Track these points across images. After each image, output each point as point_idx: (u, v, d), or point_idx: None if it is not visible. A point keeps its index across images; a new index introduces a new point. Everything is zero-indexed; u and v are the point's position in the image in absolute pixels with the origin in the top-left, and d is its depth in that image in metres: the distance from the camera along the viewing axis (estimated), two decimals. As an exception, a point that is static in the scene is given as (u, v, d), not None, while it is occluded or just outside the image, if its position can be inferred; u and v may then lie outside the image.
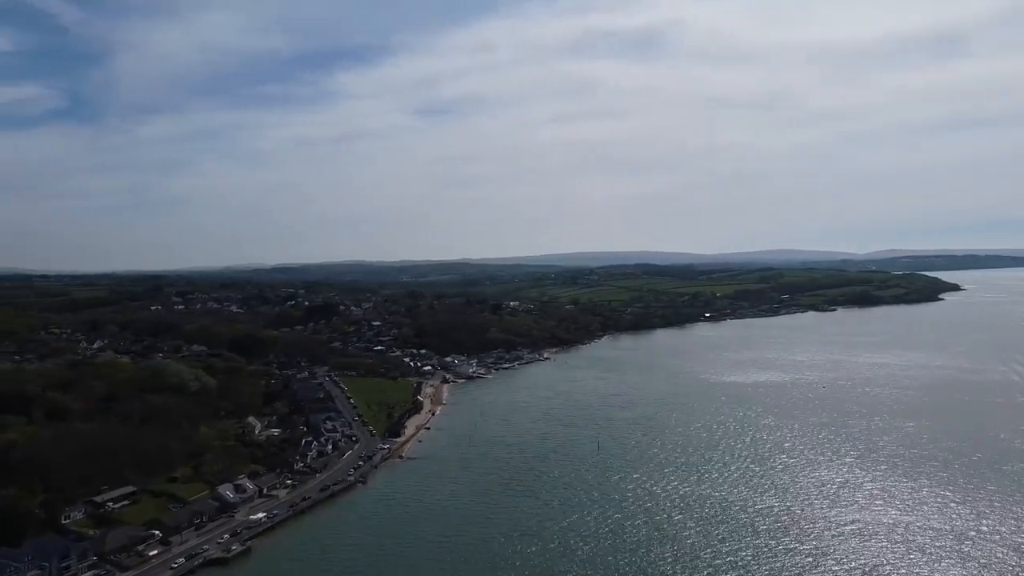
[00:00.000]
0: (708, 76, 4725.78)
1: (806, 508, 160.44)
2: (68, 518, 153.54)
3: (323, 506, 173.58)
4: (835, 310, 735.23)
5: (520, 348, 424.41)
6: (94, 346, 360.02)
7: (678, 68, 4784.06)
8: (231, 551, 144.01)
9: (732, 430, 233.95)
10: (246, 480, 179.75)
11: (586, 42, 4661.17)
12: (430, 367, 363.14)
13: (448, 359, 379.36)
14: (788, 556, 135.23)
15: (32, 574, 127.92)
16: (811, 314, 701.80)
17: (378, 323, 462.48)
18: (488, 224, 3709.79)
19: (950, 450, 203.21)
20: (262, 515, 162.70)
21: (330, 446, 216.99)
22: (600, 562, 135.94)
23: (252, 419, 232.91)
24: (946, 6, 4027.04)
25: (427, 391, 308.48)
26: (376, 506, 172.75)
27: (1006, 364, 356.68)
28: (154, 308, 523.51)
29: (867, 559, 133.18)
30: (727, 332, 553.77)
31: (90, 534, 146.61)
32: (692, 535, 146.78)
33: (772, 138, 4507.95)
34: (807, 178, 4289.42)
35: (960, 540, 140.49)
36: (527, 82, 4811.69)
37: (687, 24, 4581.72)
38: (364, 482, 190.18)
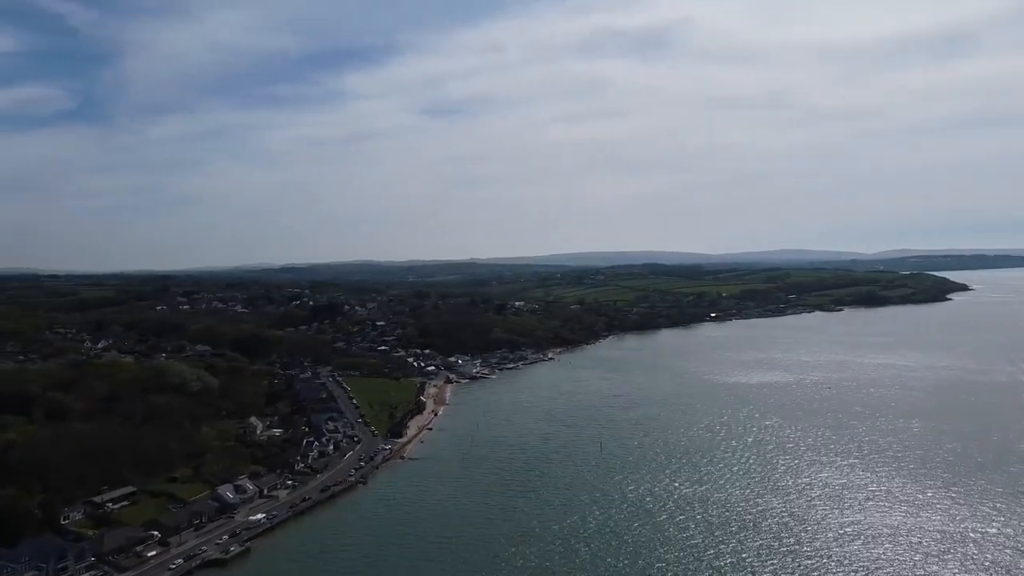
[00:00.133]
0: (716, 75, 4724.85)
1: (809, 509, 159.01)
2: (67, 518, 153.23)
3: (323, 507, 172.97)
4: (842, 310, 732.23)
5: (524, 348, 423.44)
6: (99, 346, 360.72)
7: (686, 67, 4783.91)
8: (230, 552, 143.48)
9: (735, 431, 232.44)
10: (246, 481, 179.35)
11: (595, 42, 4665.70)
12: (434, 367, 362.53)
13: (452, 359, 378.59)
14: (790, 557, 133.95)
15: (29, 575, 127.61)
16: (817, 314, 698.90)
17: (382, 323, 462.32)
18: (496, 224, 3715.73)
19: (955, 451, 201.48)
20: (261, 516, 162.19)
21: (331, 446, 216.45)
22: (601, 563, 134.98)
23: (254, 419, 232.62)
24: (952, 5, 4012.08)
25: (430, 391, 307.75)
26: (377, 507, 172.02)
27: (1014, 365, 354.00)
28: (160, 308, 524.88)
29: (870, 561, 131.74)
30: (732, 332, 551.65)
31: (89, 535, 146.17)
32: (694, 536, 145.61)
33: (780, 137, 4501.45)
34: (815, 178, 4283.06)
35: (965, 543, 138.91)
36: (535, 82, 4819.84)
37: (695, 23, 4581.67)
38: (365, 483, 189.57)
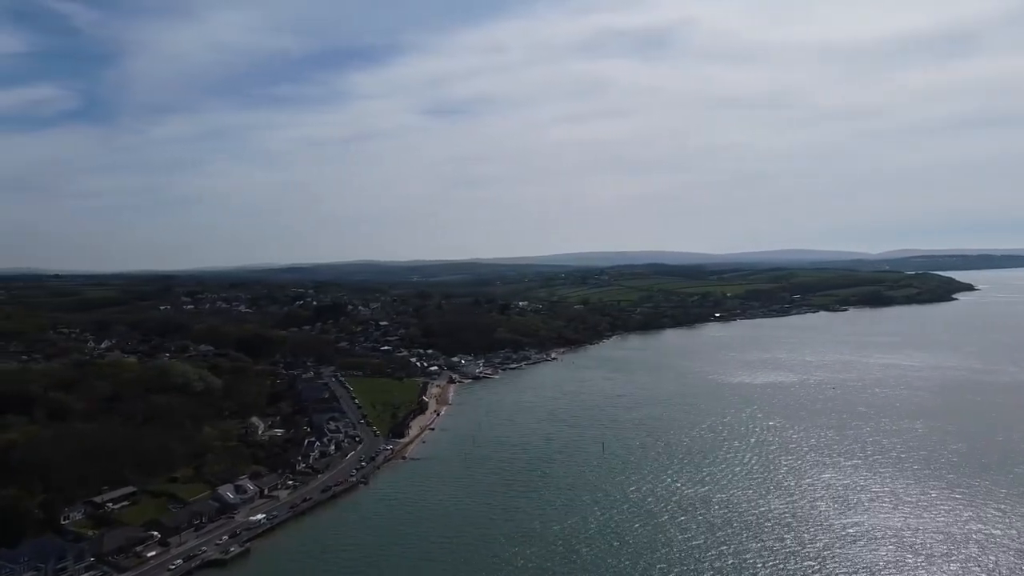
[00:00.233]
0: (718, 75, 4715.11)
1: (812, 510, 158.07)
2: (67, 519, 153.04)
3: (324, 507, 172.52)
4: (846, 310, 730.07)
5: (528, 348, 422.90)
6: (102, 346, 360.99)
7: (688, 67, 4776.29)
8: (229, 552, 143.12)
9: (739, 431, 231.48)
10: (247, 481, 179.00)
11: (597, 42, 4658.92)
12: (437, 367, 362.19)
13: (455, 359, 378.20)
14: (792, 559, 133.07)
15: (28, 575, 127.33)
16: (822, 314, 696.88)
17: (385, 323, 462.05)
18: (499, 224, 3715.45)
19: (960, 452, 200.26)
20: (262, 516, 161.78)
21: (333, 447, 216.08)
22: (603, 564, 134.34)
23: (256, 419, 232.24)
24: (953, 5, 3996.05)
25: (433, 391, 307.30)
26: (378, 507, 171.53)
27: (1019, 365, 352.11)
28: (163, 308, 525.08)
29: (872, 562, 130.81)
30: (736, 332, 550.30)
31: (89, 535, 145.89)
32: (696, 537, 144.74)
33: (782, 137, 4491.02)
34: (818, 177, 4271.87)
35: (969, 544, 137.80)
36: (538, 82, 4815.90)
37: (697, 23, 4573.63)
38: (366, 483, 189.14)
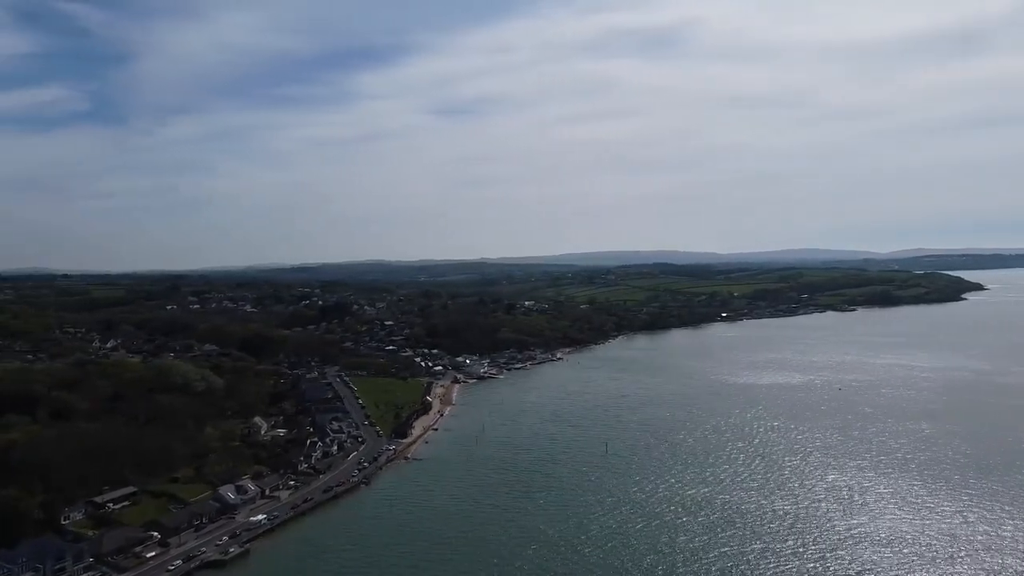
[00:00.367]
0: (726, 74, 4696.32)
1: (815, 512, 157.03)
2: (68, 519, 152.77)
3: (325, 508, 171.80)
4: (855, 310, 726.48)
5: (533, 348, 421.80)
6: (107, 345, 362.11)
7: (696, 66, 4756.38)
8: (229, 553, 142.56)
9: (743, 432, 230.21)
10: (248, 481, 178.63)
11: (604, 41, 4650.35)
12: (441, 367, 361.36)
13: (459, 359, 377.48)
14: (795, 560, 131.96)
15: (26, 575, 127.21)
16: (830, 314, 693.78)
17: (391, 323, 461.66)
18: (506, 224, 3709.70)
19: (966, 454, 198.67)
20: (262, 517, 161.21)
21: (335, 447, 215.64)
22: (604, 565, 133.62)
23: (258, 419, 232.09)
24: (965, 3, 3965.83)
25: (437, 391, 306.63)
26: (379, 507, 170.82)
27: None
28: (169, 307, 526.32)
29: (875, 564, 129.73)
30: (743, 332, 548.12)
31: (89, 535, 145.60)
32: (698, 538, 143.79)
33: (791, 136, 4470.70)
34: (827, 177, 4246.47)
35: (974, 546, 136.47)
36: (545, 82, 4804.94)
37: (705, 22, 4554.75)
38: (368, 483, 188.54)
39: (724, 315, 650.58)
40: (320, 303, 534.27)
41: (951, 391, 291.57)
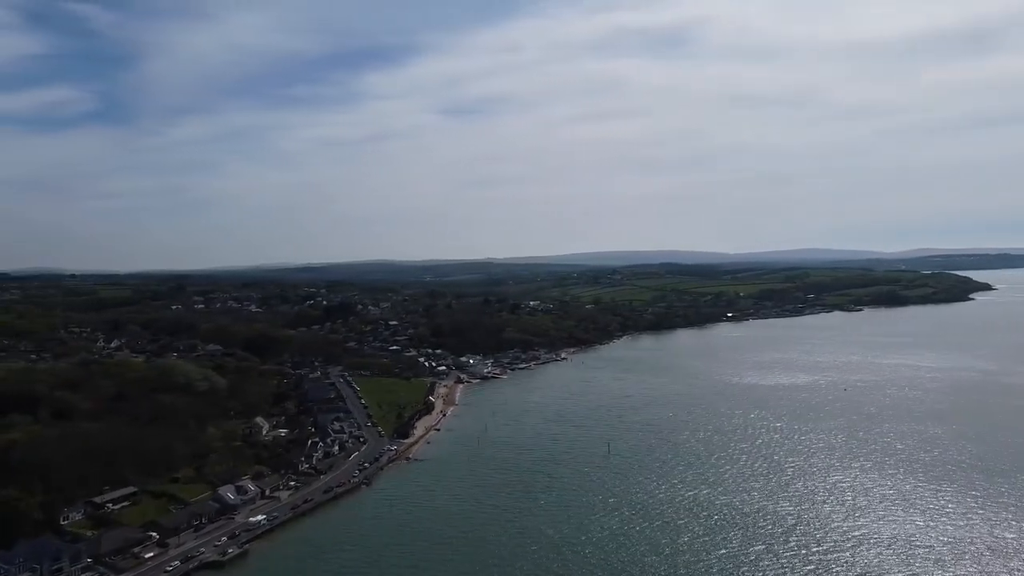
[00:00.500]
0: (735, 73, 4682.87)
1: (818, 513, 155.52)
2: (67, 519, 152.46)
3: (325, 508, 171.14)
4: (861, 310, 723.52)
5: (537, 348, 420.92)
6: (111, 345, 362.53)
7: (705, 66, 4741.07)
8: (227, 554, 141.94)
9: (747, 433, 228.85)
10: (248, 482, 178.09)
11: (613, 40, 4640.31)
12: (445, 367, 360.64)
13: (463, 359, 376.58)
14: (797, 562, 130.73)
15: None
16: (836, 314, 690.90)
17: (395, 322, 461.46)
18: (513, 224, 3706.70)
19: (972, 455, 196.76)
20: (262, 517, 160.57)
21: (337, 447, 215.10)
22: (605, 566, 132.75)
23: (260, 419, 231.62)
24: (979, 1, 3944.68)
25: (440, 391, 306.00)
26: (379, 508, 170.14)
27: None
28: (175, 307, 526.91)
29: (878, 566, 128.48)
30: (748, 332, 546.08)
31: (87, 535, 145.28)
32: (700, 540, 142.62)
33: (800, 136, 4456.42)
34: (835, 176, 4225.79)
35: (980, 549, 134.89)
36: (553, 81, 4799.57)
37: (714, 21, 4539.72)
38: (369, 484, 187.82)
39: (730, 315, 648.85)
40: (325, 303, 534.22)
41: (958, 392, 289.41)
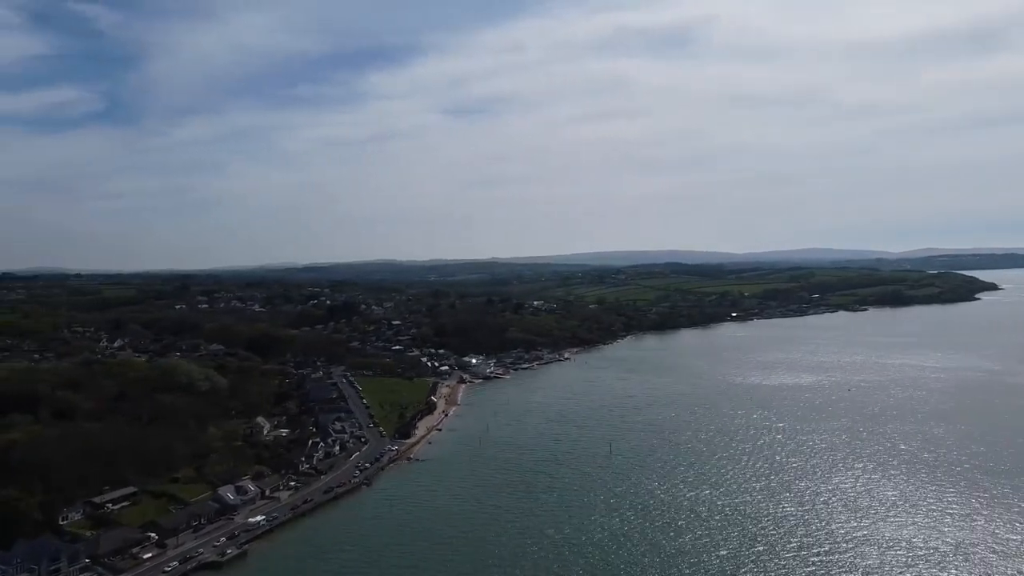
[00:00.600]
0: (739, 73, 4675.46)
1: (820, 514, 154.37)
2: (66, 519, 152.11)
3: (325, 508, 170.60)
4: (866, 310, 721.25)
5: (540, 348, 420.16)
6: (115, 345, 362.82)
7: (706, 65, 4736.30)
8: (226, 555, 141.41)
9: (749, 433, 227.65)
10: (248, 482, 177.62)
11: (617, 40, 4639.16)
12: (447, 367, 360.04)
13: (466, 359, 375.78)
14: (798, 563, 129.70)
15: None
16: (841, 314, 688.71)
17: (398, 322, 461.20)
18: (517, 223, 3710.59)
19: (977, 456, 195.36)
20: (261, 518, 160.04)
21: (337, 447, 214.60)
22: (605, 567, 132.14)
23: (261, 419, 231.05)
24: (980, 1, 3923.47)
25: (442, 391, 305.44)
26: (379, 508, 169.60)
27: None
28: (178, 307, 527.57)
29: (881, 568, 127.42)
30: (752, 332, 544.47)
31: (86, 535, 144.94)
32: (701, 541, 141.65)
33: (805, 135, 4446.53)
34: (839, 176, 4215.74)
35: (985, 551, 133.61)
36: (557, 81, 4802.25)
37: (718, 21, 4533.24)
38: (369, 484, 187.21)
39: (734, 315, 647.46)
40: (328, 303, 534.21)
41: (963, 392, 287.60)
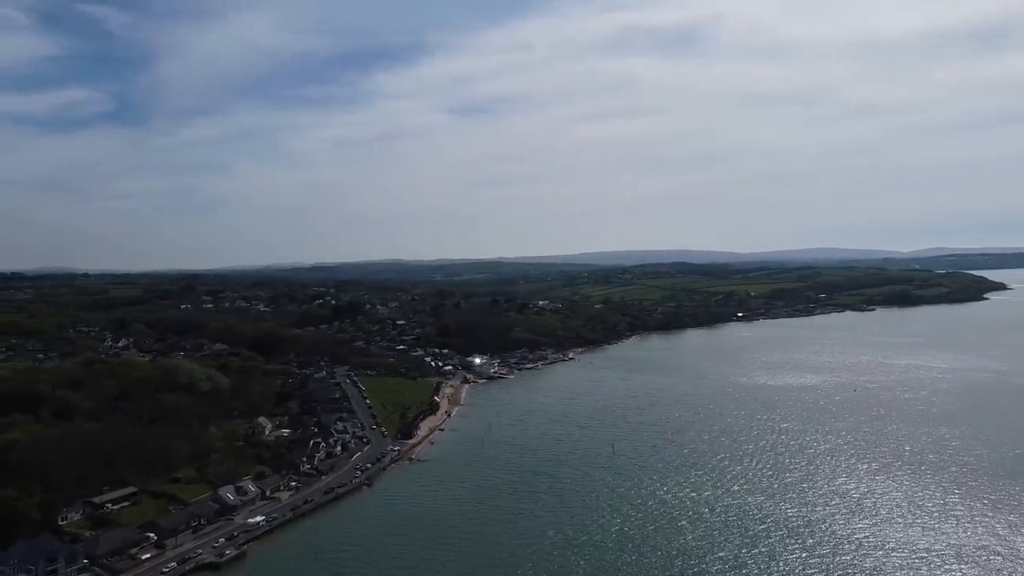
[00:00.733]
0: (746, 72, 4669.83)
1: (823, 516, 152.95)
2: (66, 519, 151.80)
3: (326, 509, 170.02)
4: (873, 310, 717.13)
5: (544, 348, 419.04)
6: (119, 344, 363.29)
7: (716, 64, 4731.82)
8: (224, 556, 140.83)
9: (752, 434, 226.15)
10: (249, 482, 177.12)
11: (624, 39, 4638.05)
12: (451, 367, 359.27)
13: (469, 359, 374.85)
14: (799, 566, 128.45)
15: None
16: (848, 314, 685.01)
17: (402, 322, 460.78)
18: (524, 223, 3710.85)
19: (983, 458, 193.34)
20: (261, 518, 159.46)
21: (339, 447, 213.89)
22: (606, 567, 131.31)
23: (263, 419, 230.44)
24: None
25: (446, 391, 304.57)
26: (379, 509, 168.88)
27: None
28: (184, 307, 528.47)
29: (882, 571, 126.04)
30: (758, 332, 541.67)
31: (85, 536, 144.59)
32: (702, 542, 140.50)
33: (814, 134, 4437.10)
34: (847, 175, 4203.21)
35: (990, 555, 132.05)
36: (564, 80, 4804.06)
37: (726, 19, 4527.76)
38: (370, 485, 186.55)
39: (740, 315, 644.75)
40: (333, 302, 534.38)
41: (969, 393, 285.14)
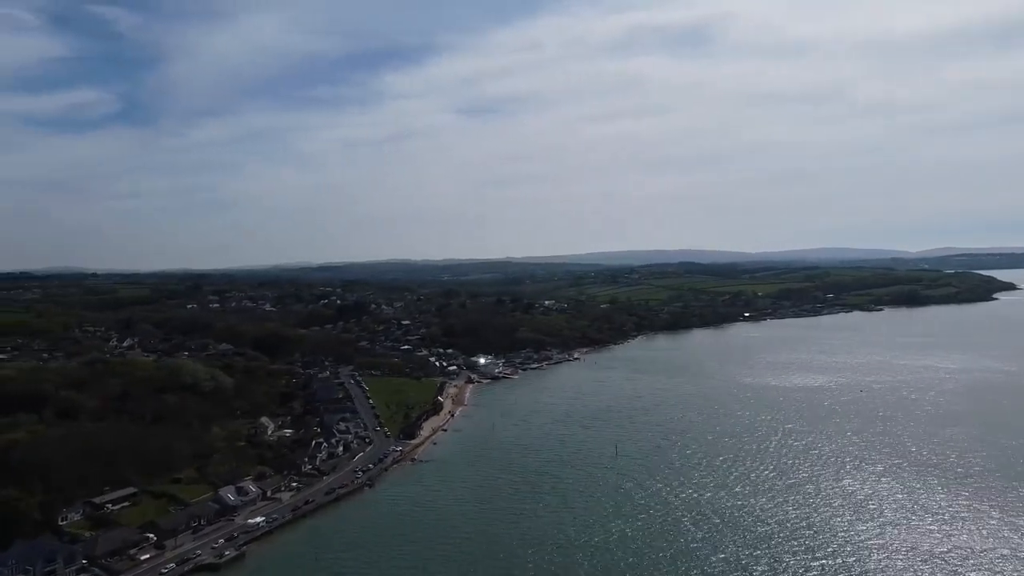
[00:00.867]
0: (755, 71, 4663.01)
1: (827, 518, 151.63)
2: (66, 519, 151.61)
3: (326, 509, 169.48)
4: (881, 310, 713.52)
5: (550, 348, 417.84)
6: (124, 344, 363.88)
7: (725, 64, 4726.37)
8: (224, 556, 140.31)
9: (757, 435, 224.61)
10: (250, 483, 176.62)
11: (633, 39, 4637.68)
12: (456, 367, 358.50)
13: (474, 359, 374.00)
14: (801, 568, 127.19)
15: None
16: (856, 314, 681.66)
17: (408, 322, 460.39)
18: (532, 223, 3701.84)
19: (990, 459, 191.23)
20: (261, 519, 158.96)
21: (341, 448, 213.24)
22: (606, 568, 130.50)
23: (265, 419, 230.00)
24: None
25: (450, 391, 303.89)
26: (381, 510, 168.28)
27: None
28: (190, 306, 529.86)
29: (886, 573, 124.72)
30: (765, 332, 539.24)
31: (85, 536, 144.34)
32: (704, 543, 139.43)
33: (823, 133, 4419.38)
34: (856, 174, 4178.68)
35: (995, 558, 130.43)
36: (572, 80, 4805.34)
37: (735, 18, 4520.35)
38: (371, 485, 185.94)
39: (747, 315, 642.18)
40: (339, 302, 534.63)
41: (976, 393, 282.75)
